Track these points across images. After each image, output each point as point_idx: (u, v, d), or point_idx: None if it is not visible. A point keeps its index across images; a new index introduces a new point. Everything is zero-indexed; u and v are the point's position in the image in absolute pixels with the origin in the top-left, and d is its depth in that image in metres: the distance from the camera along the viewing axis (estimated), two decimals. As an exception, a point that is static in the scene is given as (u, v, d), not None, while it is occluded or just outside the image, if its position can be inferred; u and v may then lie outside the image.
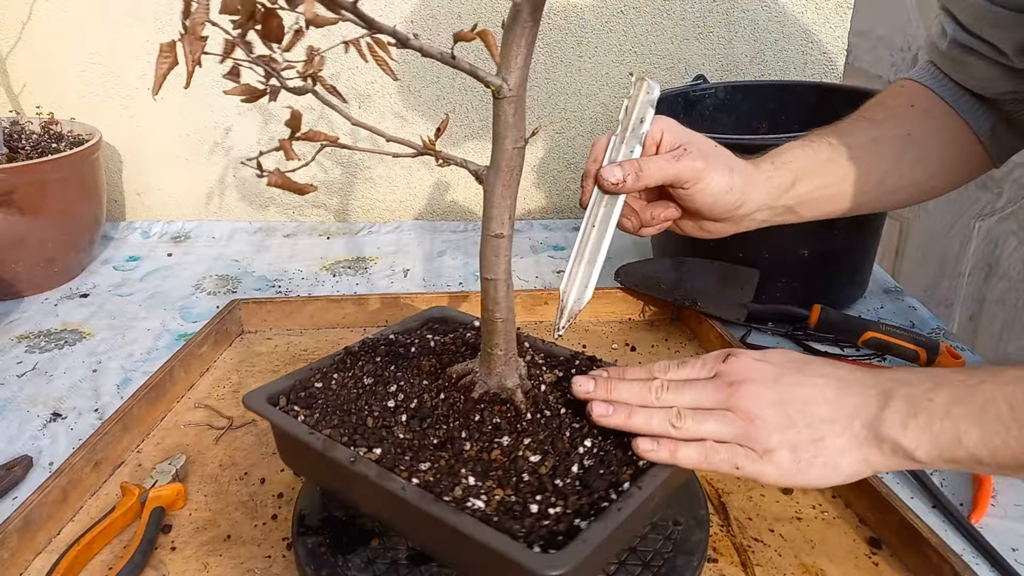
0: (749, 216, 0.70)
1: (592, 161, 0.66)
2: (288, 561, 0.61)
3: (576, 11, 1.27)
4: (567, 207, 1.41)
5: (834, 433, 0.52)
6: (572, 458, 0.53)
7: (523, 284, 1.12)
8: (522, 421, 0.57)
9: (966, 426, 0.49)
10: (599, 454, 0.54)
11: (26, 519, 0.61)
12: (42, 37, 1.27)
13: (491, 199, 0.54)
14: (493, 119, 0.52)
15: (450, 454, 0.54)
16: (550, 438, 0.55)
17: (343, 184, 1.38)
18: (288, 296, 1.06)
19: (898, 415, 0.51)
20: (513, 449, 0.54)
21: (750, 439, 0.53)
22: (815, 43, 1.30)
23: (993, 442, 0.49)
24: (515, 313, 0.59)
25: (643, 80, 0.63)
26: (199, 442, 0.76)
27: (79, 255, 1.16)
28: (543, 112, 1.34)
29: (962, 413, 0.50)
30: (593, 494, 0.50)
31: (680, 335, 0.98)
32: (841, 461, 0.52)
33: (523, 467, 0.52)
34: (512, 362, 0.60)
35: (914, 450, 0.50)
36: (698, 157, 0.65)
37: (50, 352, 0.94)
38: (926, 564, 0.57)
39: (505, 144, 0.52)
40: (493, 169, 0.53)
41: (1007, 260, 1.52)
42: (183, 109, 1.32)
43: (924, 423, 0.50)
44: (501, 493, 0.50)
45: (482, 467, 0.52)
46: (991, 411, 0.49)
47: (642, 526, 0.58)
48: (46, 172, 1.04)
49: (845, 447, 0.52)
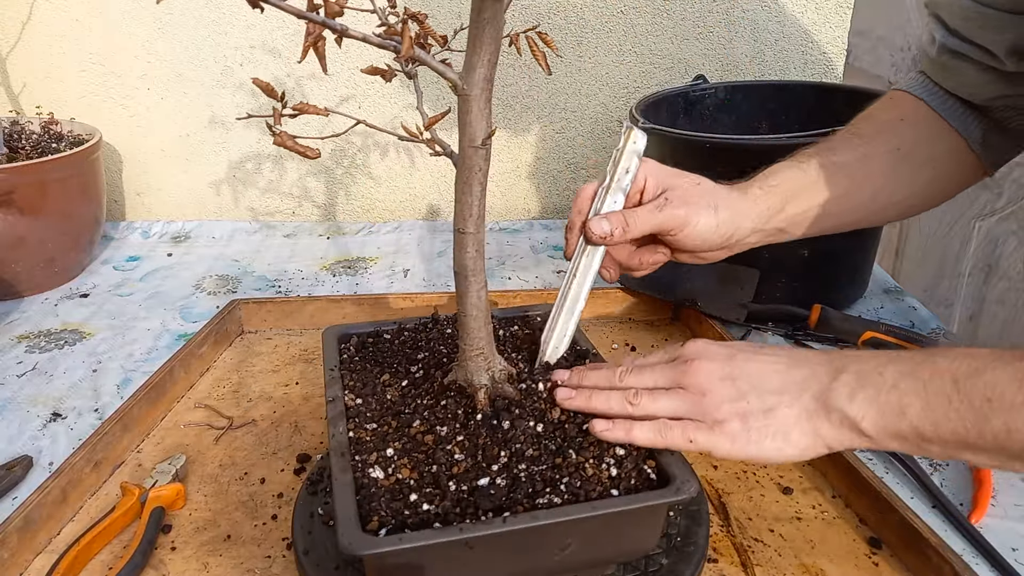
0: (742, 242, 0.71)
1: (576, 213, 0.66)
2: (288, 561, 0.61)
3: (576, 11, 1.27)
4: (567, 207, 1.41)
5: (784, 403, 0.53)
6: (488, 471, 0.53)
7: (523, 284, 1.12)
8: (472, 419, 0.57)
9: (910, 399, 0.49)
10: (515, 474, 0.52)
11: (26, 519, 0.61)
12: (42, 37, 1.27)
13: (456, 195, 0.55)
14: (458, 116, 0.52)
15: (397, 424, 0.57)
16: (483, 445, 0.55)
17: (343, 184, 1.38)
18: (288, 296, 1.06)
19: (846, 387, 0.52)
20: (445, 441, 0.55)
21: (702, 412, 0.54)
22: (815, 43, 1.30)
23: (935, 415, 0.48)
24: (486, 311, 0.58)
25: (631, 130, 0.64)
26: (199, 442, 0.76)
27: (79, 255, 1.16)
28: (543, 112, 1.34)
29: (908, 386, 0.50)
30: (462, 508, 0.50)
31: (680, 335, 0.98)
32: (792, 432, 0.52)
33: (440, 459, 0.53)
34: (481, 360, 0.59)
35: (860, 420, 0.51)
36: (680, 204, 0.65)
37: (50, 352, 0.95)
38: (926, 564, 0.57)
39: (463, 143, 0.52)
40: (457, 166, 0.54)
41: (1007, 260, 1.52)
42: (183, 109, 1.32)
43: (871, 395, 0.51)
44: (407, 474, 0.52)
45: (412, 445, 0.55)
46: (935, 384, 0.49)
47: None
48: (46, 172, 1.04)
49: (795, 418, 0.52)
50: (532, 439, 0.55)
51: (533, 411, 0.58)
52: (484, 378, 0.59)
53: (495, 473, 0.52)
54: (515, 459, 0.54)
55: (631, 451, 0.54)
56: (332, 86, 1.30)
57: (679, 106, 1.13)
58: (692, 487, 0.50)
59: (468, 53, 0.49)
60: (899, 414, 0.50)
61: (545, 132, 1.36)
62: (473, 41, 0.49)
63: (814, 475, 0.71)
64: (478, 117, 0.51)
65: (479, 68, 0.49)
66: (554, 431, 0.56)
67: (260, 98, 1.31)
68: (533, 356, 0.65)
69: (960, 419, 0.48)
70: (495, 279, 1.14)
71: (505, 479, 0.52)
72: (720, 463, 0.72)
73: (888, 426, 0.50)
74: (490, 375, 0.59)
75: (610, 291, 1.01)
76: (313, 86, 1.30)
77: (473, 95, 0.50)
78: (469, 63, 0.49)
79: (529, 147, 1.37)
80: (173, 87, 1.31)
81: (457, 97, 0.51)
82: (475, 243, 0.56)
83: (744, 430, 0.53)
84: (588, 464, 0.53)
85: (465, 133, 0.52)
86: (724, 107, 1.16)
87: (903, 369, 0.51)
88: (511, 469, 0.53)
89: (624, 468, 0.53)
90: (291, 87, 1.29)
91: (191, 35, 1.27)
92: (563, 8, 1.27)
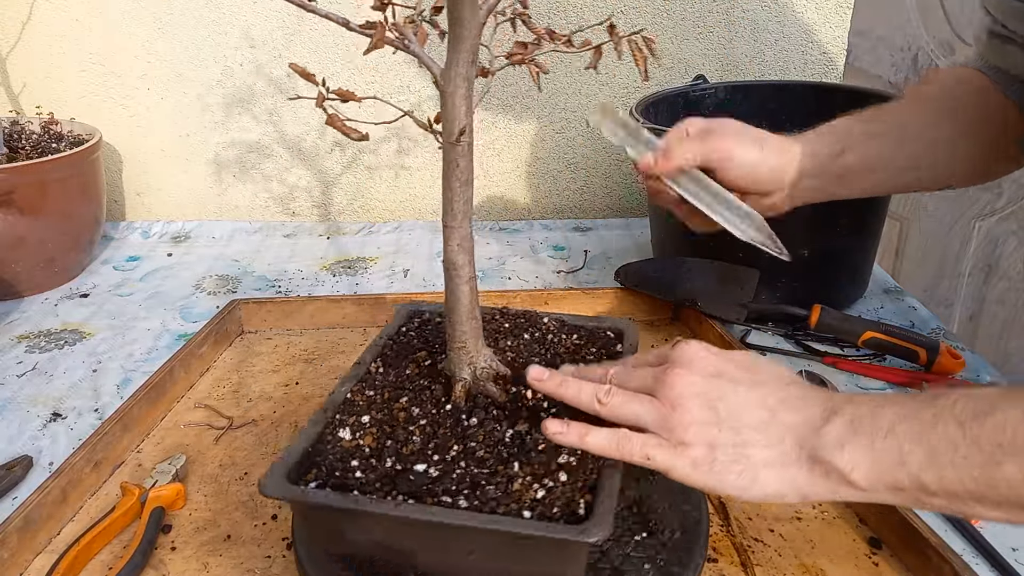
0: (797, 186, 0.72)
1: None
2: (288, 561, 0.61)
3: (576, 11, 1.27)
4: (567, 207, 1.41)
5: (760, 443, 0.48)
6: (430, 459, 0.53)
7: (523, 284, 1.12)
8: (440, 408, 0.58)
9: (910, 446, 0.43)
10: (452, 469, 0.53)
11: (26, 519, 0.61)
12: (42, 37, 1.27)
13: (443, 190, 0.56)
14: None
15: (388, 396, 0.59)
16: (442, 435, 0.56)
17: (343, 184, 1.38)
18: (288, 296, 1.06)
19: (836, 432, 0.46)
20: (412, 421, 0.57)
21: (668, 428, 0.49)
22: (815, 43, 1.30)
23: (939, 463, 0.42)
24: (469, 305, 0.59)
25: (600, 120, 0.71)
26: (199, 442, 0.76)
27: (79, 255, 1.16)
28: (543, 112, 1.34)
29: (907, 431, 0.44)
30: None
31: (680, 335, 0.98)
32: (761, 475, 0.47)
33: (399, 437, 0.56)
34: (464, 354, 0.60)
35: (849, 472, 0.45)
36: (721, 137, 0.69)
37: (50, 352, 0.94)
38: (926, 564, 0.57)
39: (444, 138, 0.54)
40: (443, 161, 0.56)
41: (1007, 260, 1.52)
42: (183, 109, 1.32)
43: (865, 443, 0.45)
44: (368, 441, 0.55)
45: (386, 418, 0.57)
46: (939, 429, 0.43)
47: None
48: (46, 172, 1.04)
49: (770, 461, 0.47)
50: (491, 442, 0.55)
51: (509, 416, 0.58)
52: (465, 372, 0.60)
53: (435, 463, 0.53)
54: (462, 456, 0.54)
55: (575, 481, 0.51)
56: (332, 85, 1.30)
57: (679, 106, 1.12)
58: (599, 533, 0.46)
59: (448, 50, 0.51)
60: (898, 464, 0.44)
61: (545, 132, 1.36)
62: (453, 38, 0.50)
63: (814, 475, 0.71)
64: (453, 112, 0.52)
65: (458, 65, 0.51)
66: (519, 440, 0.55)
67: (261, 98, 1.31)
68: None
69: (968, 467, 0.42)
70: (495, 279, 1.14)
71: (439, 471, 0.52)
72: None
73: (884, 477, 0.44)
74: (472, 370, 0.60)
75: (610, 291, 1.01)
76: (314, 85, 1.29)
77: (448, 91, 0.52)
78: (448, 59, 0.51)
79: (529, 147, 1.37)
80: (173, 87, 1.31)
81: (439, 92, 0.53)
82: (458, 237, 0.57)
83: (708, 459, 0.48)
84: (520, 480, 0.51)
85: (444, 128, 0.53)
86: (724, 107, 1.16)
87: (902, 412, 0.45)
88: (453, 464, 0.53)
89: (554, 494, 0.50)
90: (290, 88, 1.29)
91: (191, 35, 1.27)
92: (563, 8, 1.27)
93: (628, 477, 0.64)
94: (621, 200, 1.41)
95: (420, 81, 1.31)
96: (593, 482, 0.51)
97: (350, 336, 0.97)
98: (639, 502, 0.61)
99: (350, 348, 0.94)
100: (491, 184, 1.39)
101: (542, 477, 0.51)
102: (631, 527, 0.59)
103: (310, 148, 1.35)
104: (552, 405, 0.58)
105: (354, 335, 0.97)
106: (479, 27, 0.50)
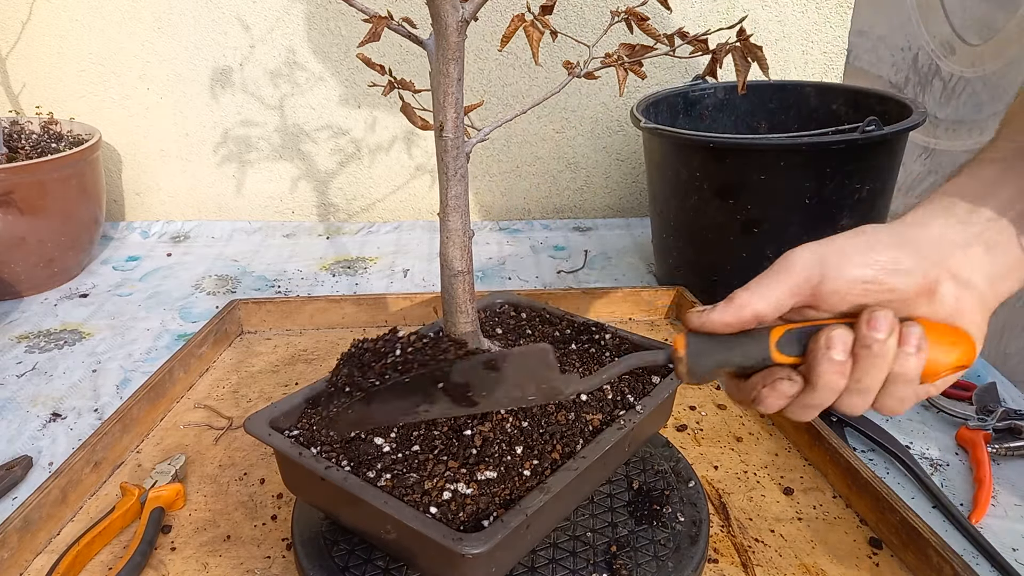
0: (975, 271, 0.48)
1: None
2: (288, 561, 0.61)
3: (576, 11, 1.27)
4: (567, 207, 1.41)
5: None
6: (387, 438, 0.55)
7: (523, 284, 1.12)
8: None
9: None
10: (403, 449, 0.54)
11: (26, 519, 0.60)
12: (42, 37, 1.27)
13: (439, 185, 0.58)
14: None
15: (403, 369, 0.58)
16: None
17: (343, 184, 1.38)
18: (288, 296, 1.06)
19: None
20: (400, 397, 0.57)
21: None
22: (815, 43, 1.30)
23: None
24: (463, 298, 0.60)
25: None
26: (199, 442, 0.76)
27: (79, 255, 1.16)
28: (543, 112, 1.34)
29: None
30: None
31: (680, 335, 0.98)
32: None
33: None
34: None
35: None
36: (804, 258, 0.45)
37: (50, 352, 0.94)
38: (926, 564, 0.57)
39: (429, 129, 0.57)
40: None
41: (1007, 260, 1.52)
42: (183, 109, 1.32)
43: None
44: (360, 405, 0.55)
45: (386, 387, 0.54)
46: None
47: None
48: (46, 172, 1.04)
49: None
50: (452, 435, 0.54)
51: (483, 416, 0.57)
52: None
53: (391, 440, 0.54)
54: (419, 440, 0.54)
55: (497, 492, 0.50)
56: (332, 84, 1.30)
57: (679, 106, 1.13)
58: (478, 548, 0.44)
59: (436, 48, 0.53)
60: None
61: (545, 132, 1.35)
62: (437, 37, 0.52)
63: (815, 475, 0.71)
64: (438, 107, 0.54)
65: (444, 63, 0.52)
66: (491, 442, 0.54)
67: (261, 98, 1.31)
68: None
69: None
70: (495, 279, 1.14)
71: (392, 447, 0.53)
72: (720, 463, 0.72)
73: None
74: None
75: (610, 291, 1.01)
76: (314, 85, 1.30)
77: (434, 86, 0.53)
78: (436, 57, 0.53)
79: (529, 147, 1.37)
80: (173, 87, 1.31)
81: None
82: (447, 231, 0.58)
83: None
84: (454, 475, 0.51)
85: (434, 121, 0.55)
86: (724, 107, 1.16)
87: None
88: (408, 444, 0.54)
89: (467, 501, 0.49)
90: (290, 88, 1.29)
91: (191, 35, 1.27)
92: (563, 8, 1.27)
93: (632, 468, 0.65)
94: (621, 200, 1.41)
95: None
96: (506, 499, 0.49)
97: (350, 336, 0.97)
98: (639, 502, 0.61)
99: (350, 348, 0.94)
100: (491, 184, 1.39)
101: (471, 479, 0.50)
102: (632, 527, 0.59)
103: (310, 148, 1.35)
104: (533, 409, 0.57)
105: (354, 335, 0.97)
106: (459, 26, 0.51)
